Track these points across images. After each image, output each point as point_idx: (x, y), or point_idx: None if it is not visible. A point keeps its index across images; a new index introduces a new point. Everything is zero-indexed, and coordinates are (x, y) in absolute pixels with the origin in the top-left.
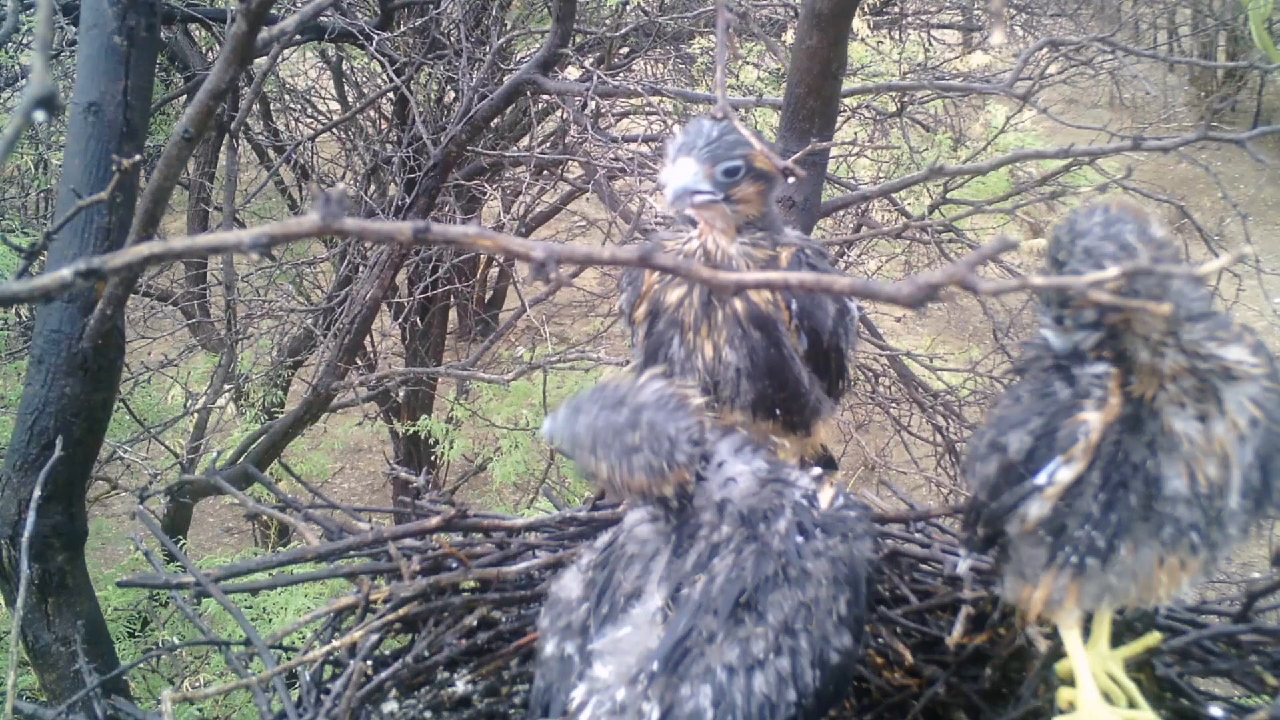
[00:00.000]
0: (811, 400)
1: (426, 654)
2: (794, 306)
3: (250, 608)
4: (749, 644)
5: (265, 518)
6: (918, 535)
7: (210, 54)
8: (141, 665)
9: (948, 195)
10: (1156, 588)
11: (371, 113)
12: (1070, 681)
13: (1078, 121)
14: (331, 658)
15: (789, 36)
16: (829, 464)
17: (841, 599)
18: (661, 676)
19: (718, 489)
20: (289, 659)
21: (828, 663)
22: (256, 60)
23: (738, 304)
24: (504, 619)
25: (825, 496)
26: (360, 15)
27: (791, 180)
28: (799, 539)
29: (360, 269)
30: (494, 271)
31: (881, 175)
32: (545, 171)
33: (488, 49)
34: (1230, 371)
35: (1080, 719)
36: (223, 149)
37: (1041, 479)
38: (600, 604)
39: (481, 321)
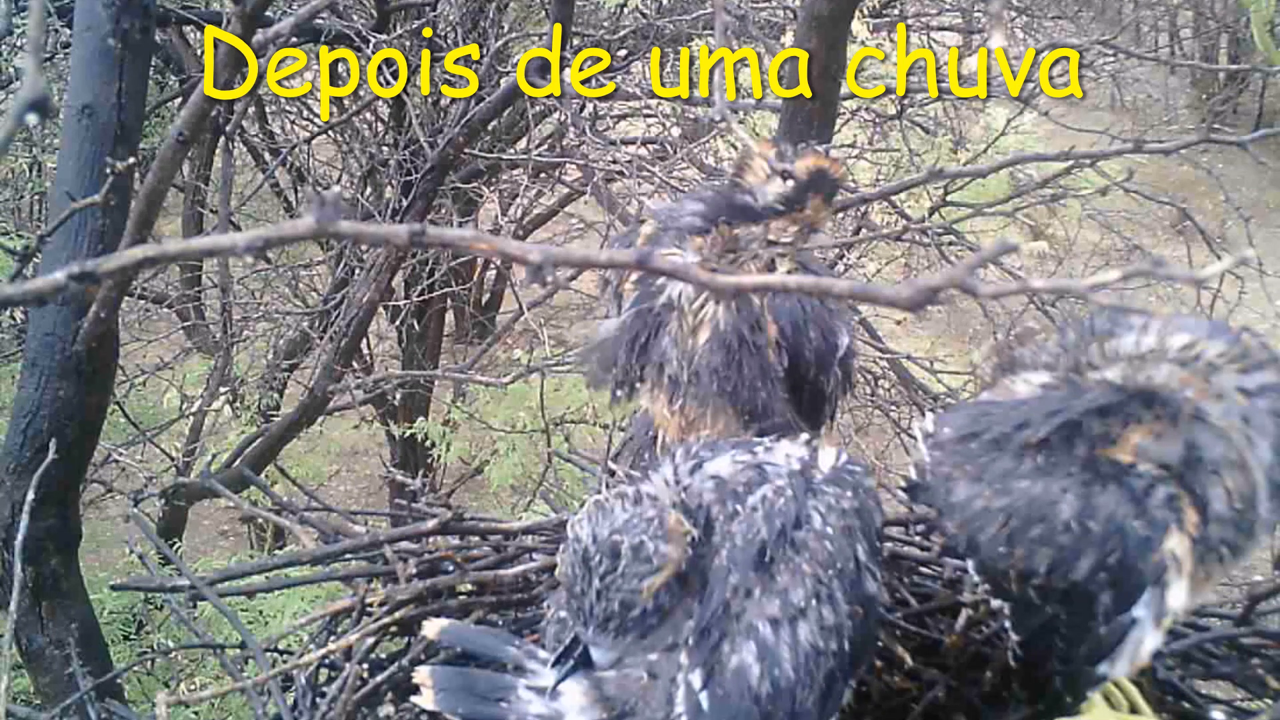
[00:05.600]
0: (777, 421)
1: (423, 657)
2: (783, 329)
3: (246, 611)
4: (788, 595)
5: (261, 521)
6: (917, 538)
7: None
8: (136, 669)
9: (948, 198)
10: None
11: (368, 115)
12: None
13: (1079, 124)
14: (327, 661)
15: (788, 39)
16: None
17: (859, 547)
18: (702, 642)
19: (706, 487)
20: (284, 662)
21: (857, 612)
22: None
23: (721, 312)
24: (500, 622)
25: (827, 456)
26: (357, 18)
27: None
28: (808, 494)
29: (356, 272)
30: (491, 274)
31: (881, 178)
32: (543, 174)
33: (485, 51)
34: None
35: None
36: (218, 151)
37: (1139, 612)
38: None
39: (479, 324)
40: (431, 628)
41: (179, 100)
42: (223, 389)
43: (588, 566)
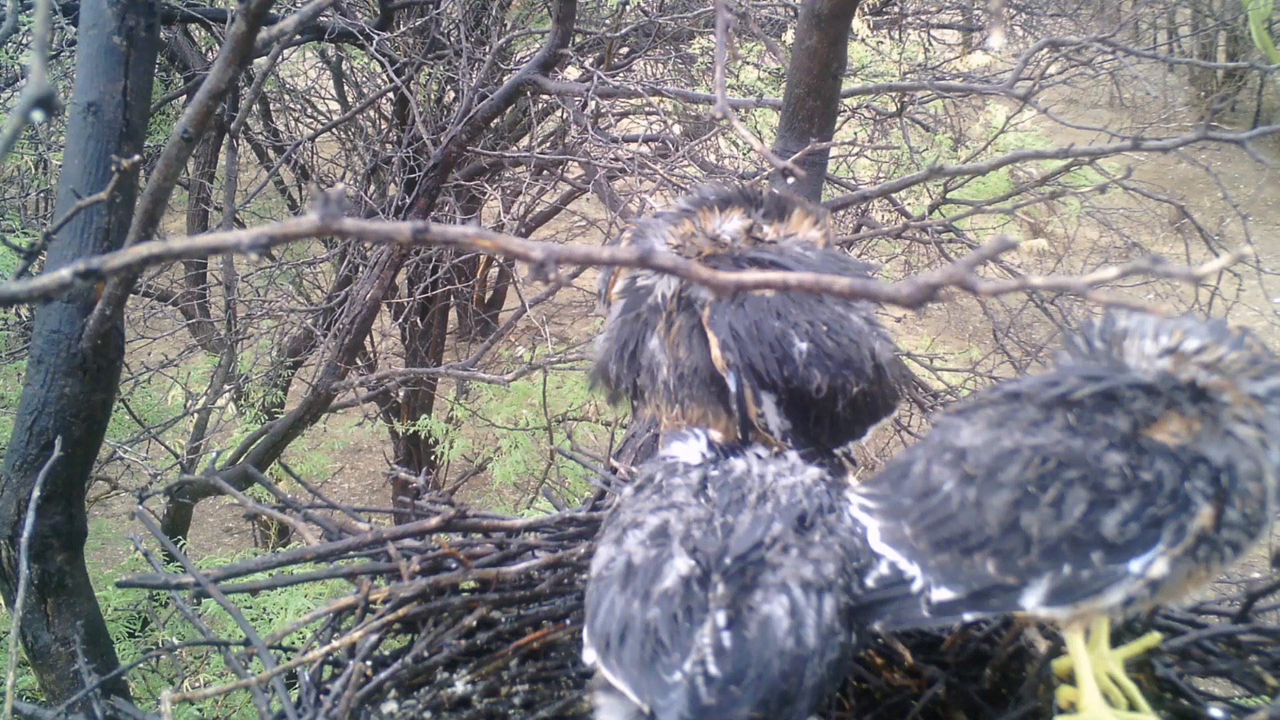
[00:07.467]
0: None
1: (426, 654)
2: (725, 342)
3: (250, 608)
4: (821, 565)
5: (265, 518)
6: None
7: (210, 54)
8: (141, 665)
9: (947, 195)
10: (1181, 596)
11: (371, 113)
12: (1068, 679)
13: (1078, 121)
14: (331, 658)
15: (789, 36)
16: None
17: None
18: (734, 579)
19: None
20: (288, 659)
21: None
22: (256, 60)
23: (683, 318)
24: (503, 619)
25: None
26: (360, 15)
27: (791, 180)
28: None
29: (360, 269)
30: (494, 272)
31: (881, 175)
32: (545, 171)
33: (488, 49)
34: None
35: None
36: (222, 149)
37: (1135, 567)
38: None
39: (481, 321)
40: None
41: (184, 98)
42: (227, 386)
43: None
